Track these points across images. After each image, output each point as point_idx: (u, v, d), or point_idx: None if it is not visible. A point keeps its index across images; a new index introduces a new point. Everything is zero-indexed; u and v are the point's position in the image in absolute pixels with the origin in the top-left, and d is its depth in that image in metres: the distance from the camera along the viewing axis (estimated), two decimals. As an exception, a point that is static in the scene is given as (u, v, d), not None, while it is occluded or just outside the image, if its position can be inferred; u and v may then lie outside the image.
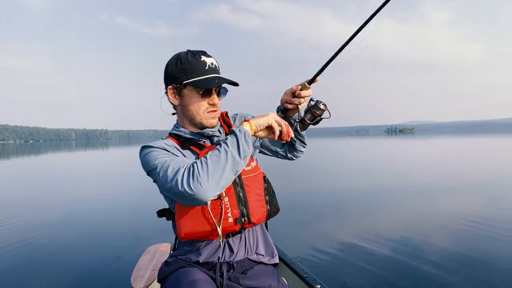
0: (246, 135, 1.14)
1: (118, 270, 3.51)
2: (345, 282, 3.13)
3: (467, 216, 5.22)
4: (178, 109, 1.34)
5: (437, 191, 7.70)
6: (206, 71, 1.25)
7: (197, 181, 1.05)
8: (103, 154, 31.98)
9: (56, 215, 6.43)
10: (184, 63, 1.23)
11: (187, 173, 1.08)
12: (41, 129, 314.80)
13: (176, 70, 1.25)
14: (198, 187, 1.04)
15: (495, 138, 43.39)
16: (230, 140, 1.13)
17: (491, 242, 4.05)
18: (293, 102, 1.29)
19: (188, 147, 1.29)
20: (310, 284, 1.59)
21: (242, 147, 1.11)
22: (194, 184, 1.04)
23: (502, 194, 7.10)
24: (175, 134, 1.33)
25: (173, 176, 1.10)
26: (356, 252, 3.81)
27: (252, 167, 1.33)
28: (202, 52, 1.27)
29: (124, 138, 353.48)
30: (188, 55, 1.25)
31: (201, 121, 1.30)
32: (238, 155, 1.11)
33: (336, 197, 7.35)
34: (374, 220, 5.32)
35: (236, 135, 1.14)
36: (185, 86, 1.25)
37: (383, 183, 9.00)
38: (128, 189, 9.56)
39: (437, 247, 3.93)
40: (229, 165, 1.09)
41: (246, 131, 1.15)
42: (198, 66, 1.24)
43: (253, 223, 1.27)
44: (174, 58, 1.27)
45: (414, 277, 3.19)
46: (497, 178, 9.27)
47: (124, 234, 4.89)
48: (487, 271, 3.27)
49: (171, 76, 1.27)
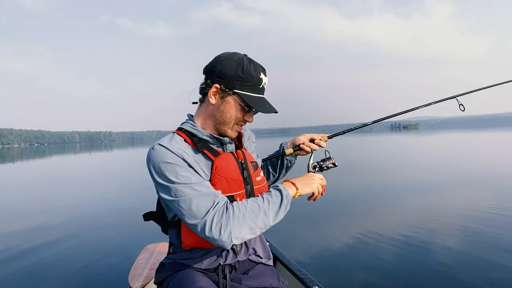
0: (288, 204, 1.15)
1: (116, 268, 3.51)
2: (343, 284, 3.07)
3: (475, 212, 5.11)
4: (209, 108, 1.24)
5: (444, 187, 7.58)
6: (259, 90, 1.22)
7: (228, 233, 1.04)
8: (107, 156, 32.17)
9: (54, 214, 6.42)
10: (245, 73, 1.17)
11: (218, 218, 1.05)
12: (45, 132, 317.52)
13: (234, 75, 1.17)
14: (225, 238, 1.04)
15: (502, 132, 43.18)
16: (272, 202, 1.12)
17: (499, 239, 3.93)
18: (310, 147, 1.52)
19: (202, 150, 1.20)
20: (307, 285, 1.58)
21: (279, 215, 1.13)
22: (224, 235, 1.04)
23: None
24: (188, 131, 1.24)
25: (201, 215, 1.06)
26: (355, 253, 3.75)
27: (261, 177, 1.34)
28: (262, 68, 1.22)
29: (127, 140, 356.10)
30: (251, 66, 1.18)
31: (227, 130, 1.25)
32: (273, 219, 1.12)
33: (338, 195, 7.23)
34: (375, 219, 5.23)
35: (281, 200, 1.14)
36: (233, 94, 1.18)
37: (389, 180, 8.93)
38: (126, 188, 9.63)
39: (439, 249, 3.82)
40: (260, 225, 1.09)
41: (290, 198, 1.16)
42: (256, 82, 1.20)
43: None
44: (234, 61, 1.18)
45: (413, 276, 3.13)
46: (504, 173, 9.11)
47: (122, 233, 4.92)
48: (496, 268, 3.16)
49: (226, 77, 1.17)
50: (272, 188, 1.17)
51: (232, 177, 1.20)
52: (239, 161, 1.25)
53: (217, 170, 1.18)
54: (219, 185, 1.17)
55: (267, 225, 1.10)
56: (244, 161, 1.27)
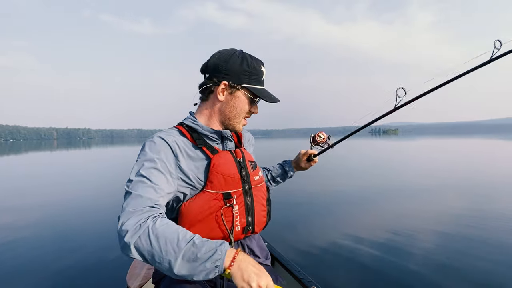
0: (209, 270, 0.91)
1: (114, 268, 3.48)
2: (341, 284, 3.12)
3: (450, 216, 5.33)
4: (217, 105, 1.27)
5: (423, 191, 7.85)
6: (262, 82, 1.28)
7: (132, 242, 0.94)
8: (90, 153, 31.43)
9: (52, 213, 6.31)
10: (250, 67, 1.23)
11: (137, 227, 0.95)
12: (21, 128, 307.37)
13: (240, 70, 1.22)
14: (129, 245, 0.94)
15: (477, 139, 44.60)
16: (202, 253, 0.91)
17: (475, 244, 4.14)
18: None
19: (201, 147, 1.22)
20: (306, 285, 1.58)
21: (189, 269, 0.91)
22: (128, 240, 0.94)
23: (486, 193, 7.31)
24: (189, 126, 1.26)
25: (130, 211, 0.99)
26: (354, 252, 3.84)
27: (259, 177, 1.35)
28: (261, 61, 1.28)
29: (107, 138, 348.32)
30: (253, 60, 1.25)
31: (236, 124, 1.29)
32: (178, 268, 0.91)
33: (329, 198, 7.38)
34: (371, 221, 5.37)
35: (206, 258, 0.91)
36: (241, 88, 1.24)
37: (375, 184, 9.12)
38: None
39: (428, 248, 3.99)
40: (160, 258, 0.92)
41: (220, 266, 0.91)
42: (259, 75, 1.26)
43: (255, 232, 1.31)
44: (237, 57, 1.23)
45: (411, 276, 3.22)
46: (478, 179, 9.52)
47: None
48: (464, 271, 3.34)
49: (233, 72, 1.22)
50: (211, 241, 0.96)
51: (229, 174, 1.21)
52: (237, 159, 1.27)
53: (215, 167, 1.19)
54: (216, 182, 1.18)
55: (166, 266, 0.92)
56: (242, 159, 1.29)
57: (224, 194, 1.19)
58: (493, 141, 36.57)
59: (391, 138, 79.37)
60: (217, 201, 1.18)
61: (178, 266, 0.91)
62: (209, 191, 1.18)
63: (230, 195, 1.20)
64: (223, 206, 1.18)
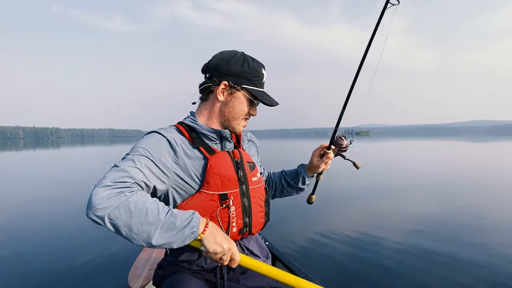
0: (186, 236, 1.00)
1: (116, 268, 3.50)
2: (342, 281, 3.18)
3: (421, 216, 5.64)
4: (216, 105, 1.28)
5: (387, 190, 8.21)
6: (262, 84, 1.30)
7: (108, 211, 0.94)
8: (58, 154, 30.31)
9: (54, 213, 6.24)
10: (251, 69, 1.25)
11: (116, 198, 0.95)
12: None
13: (241, 71, 1.24)
14: (103, 215, 0.94)
15: (439, 141, 46.51)
16: (179, 222, 0.99)
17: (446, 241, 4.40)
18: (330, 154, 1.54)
19: (198, 147, 1.22)
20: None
21: (174, 241, 0.99)
22: (103, 209, 0.94)
23: (451, 193, 7.73)
24: (188, 125, 1.27)
25: (110, 180, 0.98)
26: (353, 251, 3.92)
27: (258, 178, 1.34)
28: (262, 64, 1.31)
29: (77, 137, 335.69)
30: (254, 62, 1.27)
31: (235, 125, 1.30)
32: (157, 239, 0.97)
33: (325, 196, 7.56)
34: (368, 218, 5.52)
35: (184, 226, 0.99)
36: (241, 89, 1.26)
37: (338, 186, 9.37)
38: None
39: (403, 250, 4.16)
40: (137, 229, 0.95)
41: (194, 236, 1.01)
42: (260, 77, 1.28)
43: (252, 233, 1.31)
44: (239, 58, 1.25)
45: (410, 276, 3.28)
46: (443, 178, 10.04)
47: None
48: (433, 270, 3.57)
49: (234, 73, 1.24)
50: (184, 211, 1.05)
51: (226, 175, 1.20)
52: (235, 160, 1.25)
53: (211, 168, 1.19)
54: (213, 182, 1.18)
55: (143, 237, 0.96)
56: (240, 160, 1.27)
57: (221, 195, 1.18)
58: (456, 143, 38.25)
59: (362, 139, 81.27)
60: (213, 202, 1.18)
61: (157, 236, 0.96)
62: (206, 191, 1.18)
63: (226, 196, 1.19)
64: (219, 207, 1.18)
